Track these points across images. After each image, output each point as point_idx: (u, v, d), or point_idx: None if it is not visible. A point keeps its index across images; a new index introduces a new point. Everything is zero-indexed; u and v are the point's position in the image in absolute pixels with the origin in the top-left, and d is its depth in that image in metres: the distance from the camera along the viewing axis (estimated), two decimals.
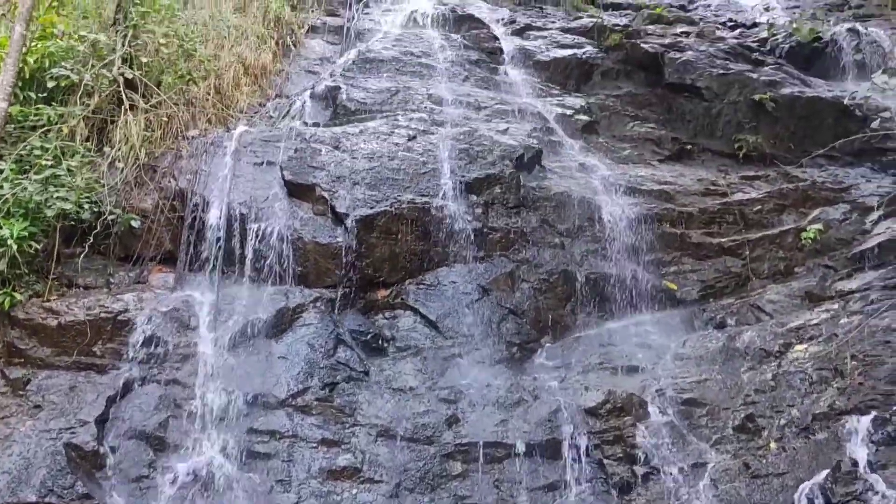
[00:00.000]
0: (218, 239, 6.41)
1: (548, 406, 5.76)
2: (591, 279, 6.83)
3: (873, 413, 5.25)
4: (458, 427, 5.68)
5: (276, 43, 8.98)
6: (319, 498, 5.20)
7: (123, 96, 6.86)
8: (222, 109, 7.79)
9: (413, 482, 5.37)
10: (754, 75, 8.83)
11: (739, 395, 5.72)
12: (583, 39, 9.87)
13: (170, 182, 6.79)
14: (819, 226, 7.14)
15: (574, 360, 6.35)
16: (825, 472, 4.92)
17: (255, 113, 8.04)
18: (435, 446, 5.56)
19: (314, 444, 5.47)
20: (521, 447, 5.51)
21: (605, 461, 5.42)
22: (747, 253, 7.15)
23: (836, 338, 5.87)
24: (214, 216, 6.48)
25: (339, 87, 8.22)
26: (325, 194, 6.72)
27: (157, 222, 6.58)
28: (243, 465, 5.30)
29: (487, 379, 6.05)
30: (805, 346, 5.98)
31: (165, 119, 7.09)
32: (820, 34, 9.05)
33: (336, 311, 6.36)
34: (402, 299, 6.50)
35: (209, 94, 7.71)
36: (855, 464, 4.85)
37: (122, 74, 6.85)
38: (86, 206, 6.27)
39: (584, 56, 9.47)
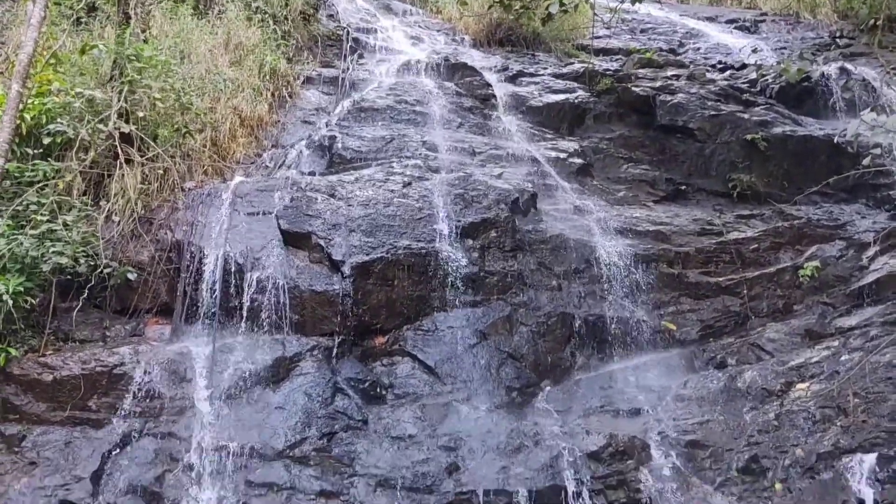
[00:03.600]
0: (214, 289, 6.40)
1: (549, 451, 5.68)
2: (589, 321, 6.80)
3: (877, 451, 5.19)
4: (459, 475, 5.60)
5: (272, 94, 9.10)
6: None
7: (119, 150, 6.92)
8: (218, 161, 7.85)
9: None
10: (745, 115, 8.93)
11: (742, 435, 5.65)
12: (574, 84, 10.00)
13: (166, 234, 6.81)
14: (816, 263, 7.14)
15: (575, 403, 6.29)
16: None
17: (252, 163, 8.11)
18: (435, 495, 5.47)
19: (312, 496, 5.39)
20: (523, 494, 5.42)
21: None
22: (745, 292, 7.14)
23: (837, 375, 5.83)
24: (210, 267, 6.48)
25: (335, 136, 8.30)
26: (321, 242, 6.73)
27: (154, 274, 6.58)
28: None
29: (487, 425, 5.97)
30: (807, 384, 5.93)
31: (162, 171, 7.13)
32: (808, 74, 9.16)
33: (333, 359, 6.32)
34: (399, 346, 6.46)
35: (205, 146, 7.78)
36: (862, 503, 4.75)
37: (118, 129, 6.91)
38: (82, 260, 6.27)
39: (576, 100, 9.59)
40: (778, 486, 5.22)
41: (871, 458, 5.14)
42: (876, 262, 6.99)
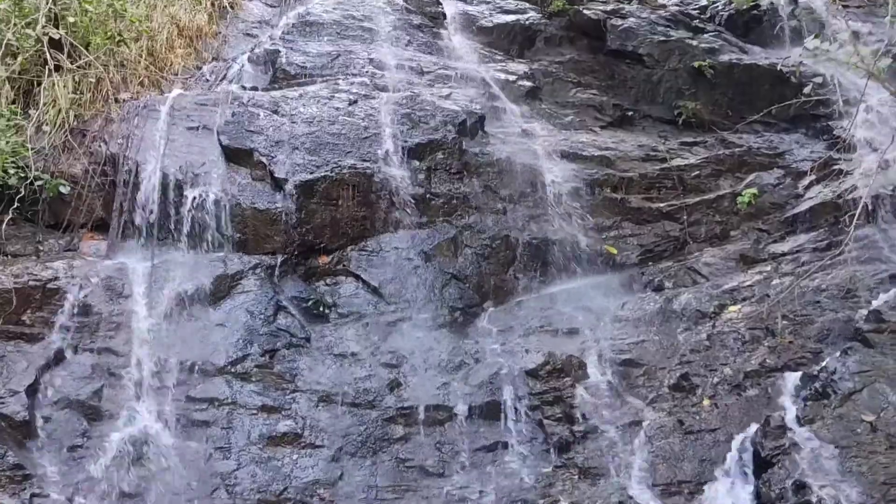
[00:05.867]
0: (152, 205, 6.25)
1: (489, 369, 5.81)
2: (533, 244, 6.87)
3: (802, 370, 5.44)
4: (400, 391, 5.70)
5: (212, 4, 8.68)
6: (259, 464, 5.17)
7: (49, 56, 6.58)
8: (156, 72, 7.54)
9: (355, 446, 5.38)
10: (694, 42, 8.91)
11: (675, 355, 5.86)
12: (526, 5, 9.79)
13: (100, 147, 6.57)
14: (754, 190, 7.29)
15: (516, 323, 6.40)
16: (755, 426, 5.09)
17: (191, 76, 7.80)
18: (377, 410, 5.57)
19: (254, 411, 5.42)
20: (462, 409, 5.56)
21: (545, 421, 5.50)
22: (685, 217, 7.28)
23: (768, 298, 6.04)
24: (148, 182, 6.30)
25: (279, 51, 8.04)
26: (264, 159, 6.60)
27: (88, 188, 6.38)
28: (181, 433, 5.22)
29: (430, 343, 6.06)
30: (739, 306, 6.15)
31: (95, 81, 6.83)
32: (757, 2, 9.15)
33: (276, 278, 6.28)
34: (343, 266, 6.45)
35: (141, 56, 7.45)
36: (784, 418, 5.01)
37: (46, 34, 6.57)
38: (11, 171, 6.02)
39: (527, 22, 9.42)
40: (706, 401, 5.45)
41: (795, 377, 5.39)
42: (811, 190, 7.18)
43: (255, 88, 7.56)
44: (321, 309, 6.21)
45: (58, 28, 6.75)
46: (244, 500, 4.99)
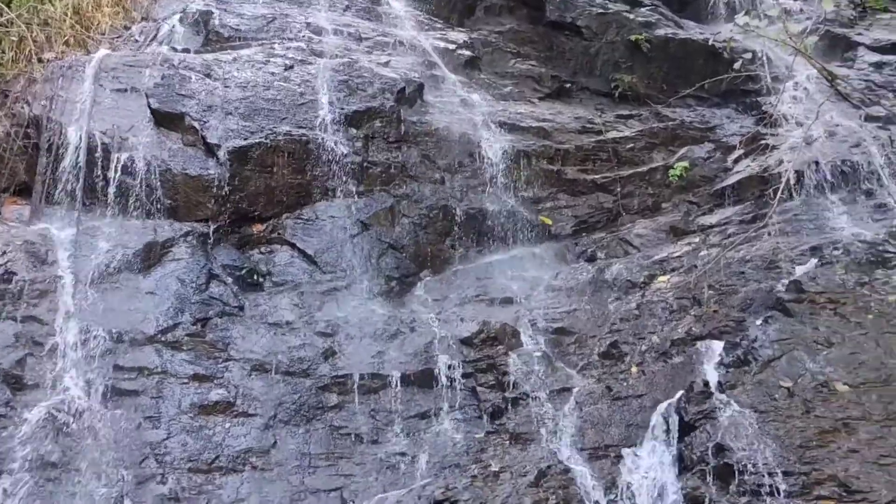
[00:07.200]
0: (77, 170, 6.05)
1: (424, 337, 5.85)
2: (470, 214, 6.90)
3: (725, 338, 5.62)
4: (335, 360, 5.69)
5: None
6: (190, 433, 5.11)
7: None
8: (81, 32, 7.26)
9: (288, 414, 5.36)
10: (631, 16, 8.99)
11: (606, 323, 6.00)
12: None
13: (23, 108, 6.33)
14: (685, 163, 7.46)
15: (452, 292, 6.45)
16: (680, 392, 5.24)
17: (119, 37, 7.54)
18: (311, 379, 5.56)
19: (185, 380, 5.35)
20: (396, 377, 5.59)
21: (478, 388, 5.58)
22: (619, 189, 7.41)
23: (695, 269, 6.22)
24: (73, 145, 6.09)
25: (212, 12, 7.81)
26: (196, 124, 6.44)
27: (10, 151, 6.15)
28: (108, 403, 5.11)
29: (365, 312, 6.05)
30: (667, 277, 6.31)
31: (17, 40, 6.55)
32: None
33: (209, 245, 6.17)
34: (278, 234, 6.38)
35: (67, 15, 7.15)
36: (707, 385, 5.17)
37: None
38: None
39: None
40: (634, 369, 5.60)
41: (718, 345, 5.55)
42: (739, 164, 7.38)
43: (186, 51, 7.36)
44: (255, 277, 6.14)
45: None
46: (174, 469, 4.93)
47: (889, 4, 9.28)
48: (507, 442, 5.27)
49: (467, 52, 8.56)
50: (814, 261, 5.98)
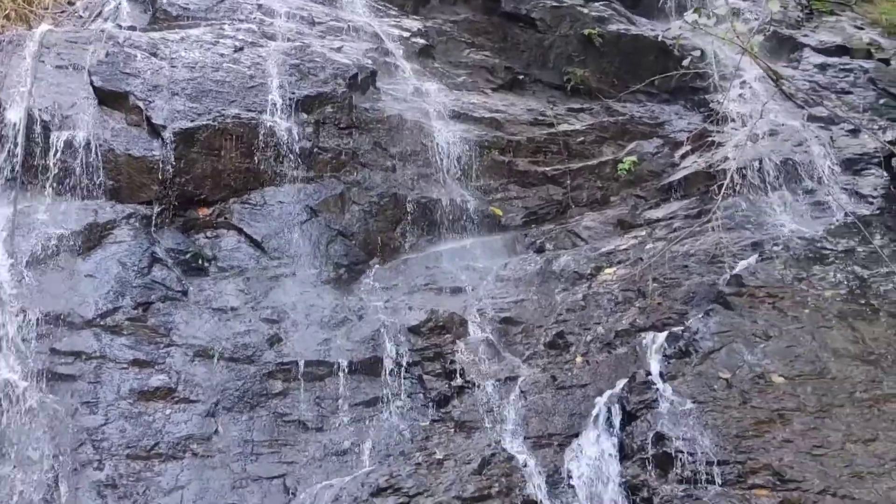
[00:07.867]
0: (16, 147, 5.86)
1: (371, 325, 5.82)
2: (421, 203, 6.88)
3: (668, 330, 5.73)
4: (281, 346, 5.64)
5: None
6: (129, 419, 5.01)
7: None
8: (23, 6, 7.03)
9: (231, 401, 5.30)
10: (585, 10, 9.05)
11: (552, 314, 6.06)
12: None
13: None
14: (634, 158, 7.56)
15: (401, 281, 6.43)
16: (623, 382, 5.33)
17: (62, 12, 7.32)
18: (255, 366, 5.50)
19: (124, 365, 5.24)
20: (343, 364, 5.56)
21: (425, 377, 5.59)
22: (569, 182, 7.47)
23: (641, 262, 6.31)
24: (11, 122, 5.90)
25: None
26: (140, 104, 6.29)
27: None
28: (44, 388, 4.98)
29: (313, 300, 6.01)
30: (614, 269, 6.40)
31: None
32: None
33: (152, 228, 6.04)
34: (225, 218, 6.28)
35: None
36: (649, 375, 5.27)
37: None
38: None
39: None
40: (579, 359, 5.67)
41: (661, 336, 5.65)
42: (686, 160, 7.51)
43: (132, 28, 7.17)
44: (200, 262, 6.03)
45: None
46: (111, 456, 4.84)
47: (835, 7, 9.53)
48: (453, 430, 5.29)
49: (421, 41, 8.52)
50: (754, 256, 6.14)
